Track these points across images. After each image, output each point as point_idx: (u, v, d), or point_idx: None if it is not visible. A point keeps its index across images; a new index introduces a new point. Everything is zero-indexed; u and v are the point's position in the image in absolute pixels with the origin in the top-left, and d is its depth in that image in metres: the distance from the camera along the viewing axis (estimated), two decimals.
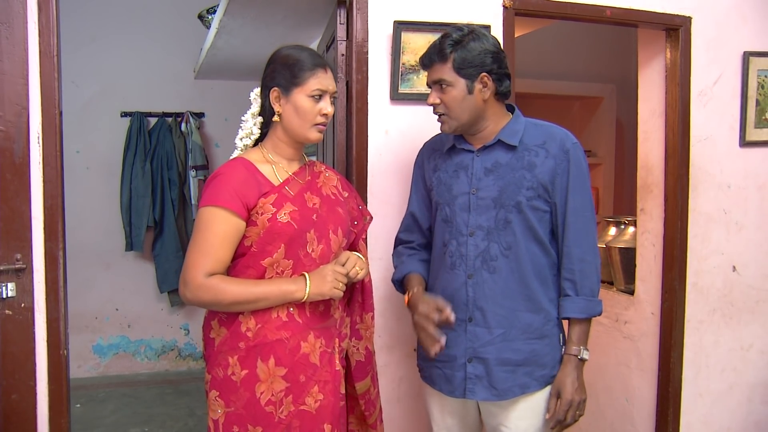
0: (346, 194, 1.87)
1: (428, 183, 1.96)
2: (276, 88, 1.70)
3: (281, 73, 1.69)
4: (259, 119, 1.76)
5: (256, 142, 1.79)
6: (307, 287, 1.63)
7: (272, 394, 1.63)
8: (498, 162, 1.82)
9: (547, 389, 1.83)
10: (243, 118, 1.78)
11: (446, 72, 1.77)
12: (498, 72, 1.78)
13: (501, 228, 1.79)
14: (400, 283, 1.98)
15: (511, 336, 1.80)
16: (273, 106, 1.71)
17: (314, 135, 1.71)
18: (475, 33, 1.78)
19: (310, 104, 1.68)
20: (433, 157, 1.96)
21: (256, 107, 1.77)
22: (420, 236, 2.01)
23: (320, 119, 1.69)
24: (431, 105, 1.83)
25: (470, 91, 1.77)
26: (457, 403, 1.91)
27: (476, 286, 1.81)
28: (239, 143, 1.78)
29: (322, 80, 1.68)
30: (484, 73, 1.76)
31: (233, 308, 1.64)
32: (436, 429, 1.98)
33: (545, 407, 1.83)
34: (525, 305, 1.80)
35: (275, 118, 1.72)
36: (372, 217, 1.97)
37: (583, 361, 1.80)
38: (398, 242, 2.07)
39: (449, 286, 1.85)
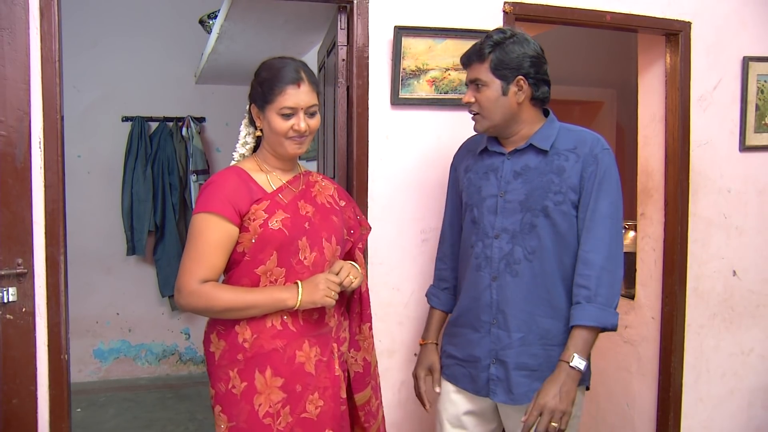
0: (343, 203, 1.86)
1: (460, 184, 1.97)
2: (254, 105, 1.73)
3: (256, 89, 1.71)
4: (252, 129, 1.79)
5: (255, 149, 1.81)
6: (299, 295, 1.62)
7: (270, 406, 1.62)
8: (527, 165, 1.81)
9: None
10: (240, 129, 1.81)
11: (483, 72, 1.78)
12: (535, 77, 1.79)
13: (526, 232, 1.79)
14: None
15: (530, 341, 1.78)
16: (255, 121, 1.74)
17: (290, 149, 1.70)
18: (517, 37, 1.79)
19: (280, 122, 1.67)
20: (467, 158, 1.97)
21: (247, 117, 1.79)
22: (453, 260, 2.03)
23: (292, 134, 1.68)
24: (466, 103, 1.84)
25: (504, 93, 1.78)
26: (478, 400, 1.89)
27: (500, 288, 1.80)
28: (235, 154, 1.80)
29: (291, 97, 1.65)
30: (521, 77, 1.77)
31: (226, 315, 1.64)
32: (449, 427, 1.93)
33: None
34: (545, 311, 1.78)
35: (257, 132, 1.75)
36: (371, 228, 1.97)
37: (576, 370, 1.67)
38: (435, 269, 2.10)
39: (475, 287, 1.85)
